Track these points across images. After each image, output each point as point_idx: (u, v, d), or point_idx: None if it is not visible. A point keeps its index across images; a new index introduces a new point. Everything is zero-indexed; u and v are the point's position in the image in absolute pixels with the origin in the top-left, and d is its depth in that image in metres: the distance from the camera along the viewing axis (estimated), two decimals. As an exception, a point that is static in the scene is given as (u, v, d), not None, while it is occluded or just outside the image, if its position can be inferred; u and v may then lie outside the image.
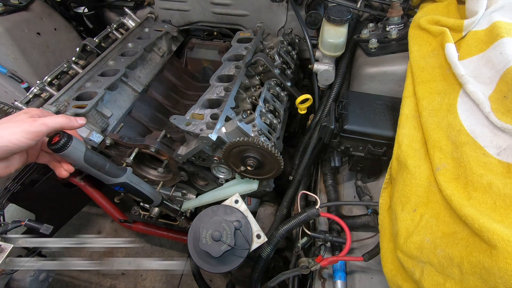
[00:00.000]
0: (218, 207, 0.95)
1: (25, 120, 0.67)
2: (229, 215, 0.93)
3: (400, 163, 0.79)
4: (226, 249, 0.85)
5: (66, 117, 0.73)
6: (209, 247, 0.85)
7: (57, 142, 0.72)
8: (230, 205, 0.97)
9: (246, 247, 0.90)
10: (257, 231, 0.94)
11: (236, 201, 0.99)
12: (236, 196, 0.99)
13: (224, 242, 0.86)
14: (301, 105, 1.19)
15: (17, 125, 0.66)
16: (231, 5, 1.68)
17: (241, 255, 0.89)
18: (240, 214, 0.94)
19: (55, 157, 0.83)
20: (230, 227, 0.88)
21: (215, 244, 0.86)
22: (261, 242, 0.93)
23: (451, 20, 0.97)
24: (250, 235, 0.92)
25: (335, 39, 1.13)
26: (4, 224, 1.23)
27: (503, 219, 0.57)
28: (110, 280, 2.00)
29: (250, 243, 0.91)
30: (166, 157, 1.18)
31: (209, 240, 0.86)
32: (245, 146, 0.97)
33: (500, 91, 0.73)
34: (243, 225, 0.92)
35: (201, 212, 0.94)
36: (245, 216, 0.94)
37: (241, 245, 0.89)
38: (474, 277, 0.55)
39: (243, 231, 0.91)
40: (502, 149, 0.67)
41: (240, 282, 1.77)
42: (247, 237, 0.90)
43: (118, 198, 1.49)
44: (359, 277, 0.91)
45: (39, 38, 1.62)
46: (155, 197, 1.08)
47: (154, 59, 1.58)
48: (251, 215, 0.97)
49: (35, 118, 0.69)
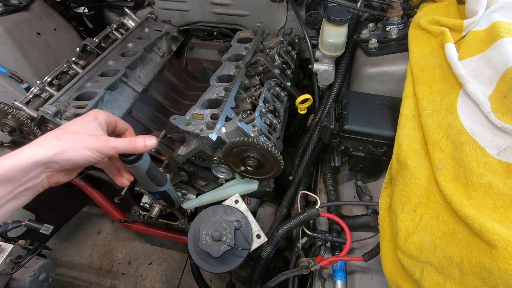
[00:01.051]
0: (218, 207, 0.96)
1: (98, 139, 0.66)
2: (229, 215, 0.93)
3: (400, 163, 0.79)
4: (226, 249, 0.85)
5: (131, 143, 0.72)
6: (209, 247, 0.85)
7: (131, 154, 0.73)
8: (230, 205, 0.97)
9: (246, 247, 0.90)
10: (257, 231, 0.94)
11: (236, 201, 0.99)
12: (236, 196, 0.99)
13: (224, 242, 0.86)
14: (301, 105, 1.19)
15: (89, 142, 0.65)
16: (231, 5, 1.68)
17: (241, 255, 0.89)
18: (240, 214, 0.94)
19: (116, 165, 0.82)
20: (230, 227, 0.88)
21: (215, 244, 0.86)
22: (261, 242, 0.94)
23: (451, 20, 0.97)
24: (250, 235, 0.92)
25: (335, 39, 1.13)
26: (4, 224, 1.23)
27: (503, 219, 0.57)
28: (110, 280, 2.01)
29: (250, 243, 0.91)
30: (166, 157, 1.18)
31: (209, 240, 0.86)
32: (245, 146, 0.97)
33: (500, 91, 0.73)
34: (243, 225, 0.92)
35: (201, 212, 0.94)
36: (245, 216, 0.94)
37: (241, 245, 0.89)
38: (474, 277, 0.55)
39: (243, 231, 0.91)
40: (502, 149, 0.67)
41: (240, 282, 1.77)
42: (247, 237, 0.90)
43: (118, 198, 1.49)
44: (359, 277, 0.91)
45: (39, 38, 1.62)
46: (177, 201, 1.12)
47: (154, 59, 1.58)
48: (251, 215, 0.97)
49: (107, 139, 0.67)
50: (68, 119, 1.14)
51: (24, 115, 1.13)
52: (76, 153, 0.63)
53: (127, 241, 2.19)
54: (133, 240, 2.19)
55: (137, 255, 2.12)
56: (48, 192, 0.70)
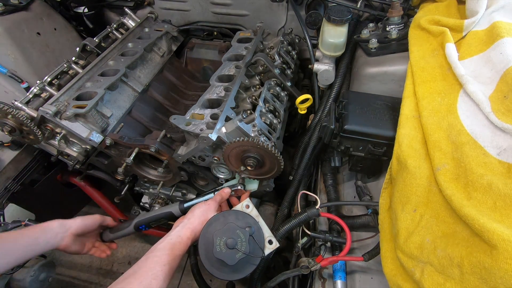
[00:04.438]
0: (229, 212, 0.92)
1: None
2: (241, 220, 0.89)
3: (400, 163, 0.79)
4: (241, 256, 0.82)
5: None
6: (224, 255, 0.82)
7: None
8: (241, 210, 0.94)
9: (259, 254, 0.86)
10: (269, 237, 0.90)
11: (247, 206, 0.95)
12: (247, 201, 0.95)
13: (239, 250, 0.82)
14: (301, 105, 1.19)
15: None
16: (231, 5, 1.68)
17: (254, 262, 0.86)
18: (252, 220, 0.90)
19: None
20: (244, 234, 0.85)
21: (230, 252, 0.82)
22: (273, 248, 0.90)
23: (451, 20, 0.96)
24: (262, 241, 0.88)
25: (335, 39, 1.13)
26: (4, 224, 1.23)
27: (503, 219, 0.57)
28: (110, 280, 2.00)
29: (263, 249, 0.88)
30: (166, 157, 1.18)
31: (223, 248, 0.83)
32: (245, 146, 0.97)
33: (500, 91, 0.73)
34: (255, 231, 0.88)
35: (211, 218, 0.90)
36: (256, 221, 0.91)
37: (255, 252, 0.86)
38: (474, 277, 0.55)
39: (256, 237, 0.87)
40: (502, 149, 0.66)
41: (240, 282, 1.77)
42: (260, 244, 0.87)
43: (118, 198, 1.49)
44: (359, 277, 0.91)
45: (39, 38, 1.61)
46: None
47: (154, 59, 1.58)
48: (263, 220, 0.93)
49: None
50: (68, 119, 1.14)
51: (24, 115, 1.13)
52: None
53: (127, 241, 2.18)
54: (133, 240, 2.19)
55: (137, 255, 2.12)
56: (48, 192, 0.70)
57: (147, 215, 1.08)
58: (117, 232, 1.10)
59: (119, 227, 1.11)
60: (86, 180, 1.61)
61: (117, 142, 1.18)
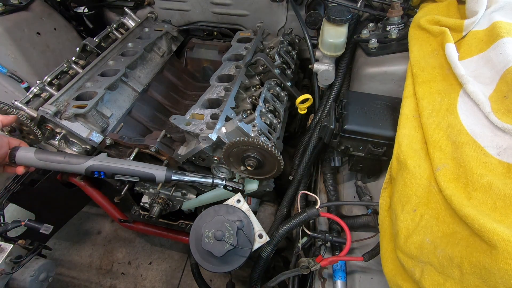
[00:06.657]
0: (220, 206, 0.95)
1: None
2: (231, 214, 0.93)
3: (400, 163, 0.79)
4: (228, 248, 0.85)
5: None
6: (212, 247, 0.85)
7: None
8: (232, 204, 0.97)
9: (248, 246, 0.89)
10: (259, 231, 0.94)
11: (238, 200, 0.98)
12: (238, 196, 0.99)
13: (226, 241, 0.86)
14: (301, 105, 1.19)
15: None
16: (231, 5, 1.68)
17: (243, 254, 0.89)
18: (242, 214, 0.94)
19: None
20: (232, 227, 0.88)
21: (218, 244, 0.86)
22: (263, 242, 0.93)
23: (451, 20, 0.96)
24: (252, 234, 0.91)
25: (335, 39, 1.13)
26: (4, 224, 1.23)
27: (503, 219, 0.57)
28: (110, 280, 2.00)
29: (253, 242, 0.91)
30: (166, 157, 1.18)
31: (211, 239, 0.86)
32: (245, 146, 0.97)
33: (500, 91, 0.73)
34: (245, 225, 0.92)
35: (203, 212, 0.94)
36: (247, 215, 0.94)
37: (244, 244, 0.89)
38: (474, 277, 0.55)
39: (245, 230, 0.91)
40: (502, 149, 0.66)
41: (240, 282, 1.78)
42: (249, 237, 0.90)
43: (118, 198, 1.48)
44: (359, 277, 0.91)
45: (39, 38, 1.62)
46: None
47: (154, 59, 1.58)
48: (253, 214, 0.97)
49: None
50: (68, 119, 1.14)
51: (24, 115, 1.12)
52: None
53: (127, 241, 2.19)
54: (133, 240, 2.19)
55: (137, 255, 2.12)
56: (48, 192, 0.70)
57: (117, 162, 0.99)
58: (43, 155, 0.91)
59: (49, 152, 0.95)
60: (86, 180, 1.61)
61: (117, 142, 1.19)
